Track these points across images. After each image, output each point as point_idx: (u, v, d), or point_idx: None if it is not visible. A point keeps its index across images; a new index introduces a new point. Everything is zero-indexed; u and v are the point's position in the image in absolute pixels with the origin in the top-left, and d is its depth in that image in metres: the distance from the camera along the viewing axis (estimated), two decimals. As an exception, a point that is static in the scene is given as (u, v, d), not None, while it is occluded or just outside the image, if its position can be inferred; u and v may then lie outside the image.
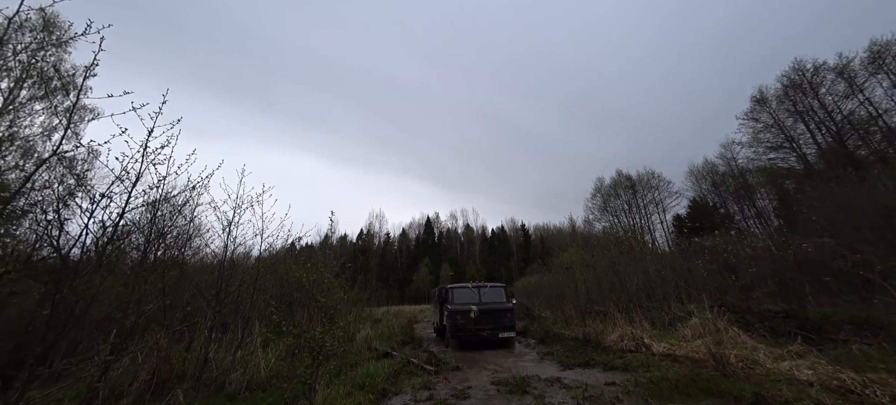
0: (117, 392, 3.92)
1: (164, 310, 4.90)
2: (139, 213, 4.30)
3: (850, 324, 5.95)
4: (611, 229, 38.80)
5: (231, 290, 5.47)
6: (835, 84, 28.27)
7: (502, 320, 9.14)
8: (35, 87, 11.11)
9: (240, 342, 5.45)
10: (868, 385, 3.57)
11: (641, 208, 42.10)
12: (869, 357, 4.54)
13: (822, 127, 29.09)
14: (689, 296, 9.86)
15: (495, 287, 10.33)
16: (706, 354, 5.86)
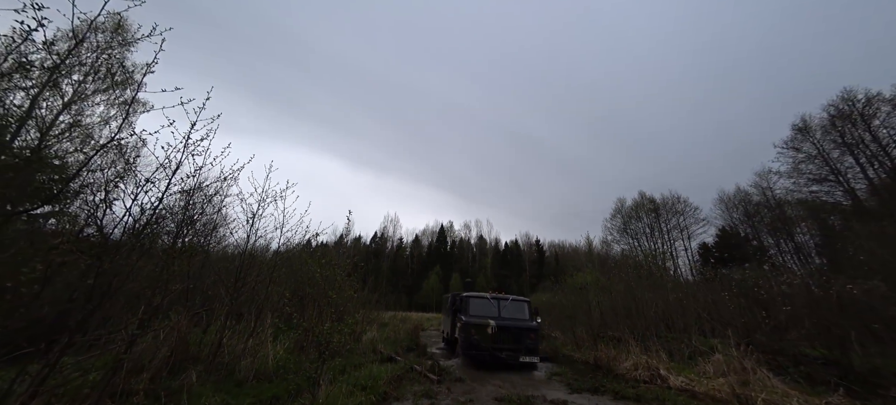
0: (139, 365, 4.16)
1: (187, 293, 5.18)
2: (174, 200, 4.63)
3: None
4: (630, 252, 37.20)
5: (248, 280, 5.70)
6: (891, 116, 26.09)
7: (525, 341, 7.86)
8: (99, 81, 12.31)
9: (252, 331, 5.64)
10: None
11: (664, 233, 40.14)
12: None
13: (875, 161, 26.81)
14: (713, 330, 9.22)
15: (518, 301, 9.01)
16: (729, 394, 5.44)
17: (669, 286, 12.83)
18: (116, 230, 3.88)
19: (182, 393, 3.99)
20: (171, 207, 4.54)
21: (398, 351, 9.88)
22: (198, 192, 5.17)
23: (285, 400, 4.58)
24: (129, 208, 3.82)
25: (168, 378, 4.32)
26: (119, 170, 4.43)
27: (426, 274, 62.90)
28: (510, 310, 8.65)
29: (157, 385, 4.04)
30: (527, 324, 8.30)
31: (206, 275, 5.87)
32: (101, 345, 3.90)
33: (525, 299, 9.23)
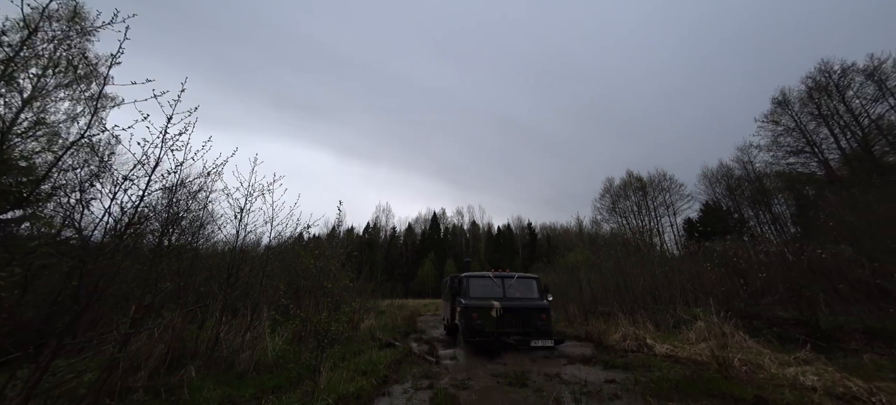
0: (136, 364, 4.14)
1: (179, 291, 5.12)
2: (156, 198, 4.50)
3: (863, 333, 5.79)
4: (619, 230, 38.26)
5: (241, 276, 5.66)
6: (863, 86, 26.96)
7: (535, 322, 7.02)
8: (60, 75, 11.59)
9: (249, 325, 5.65)
10: (875, 393, 3.49)
11: (651, 210, 41.33)
12: (879, 366, 4.42)
13: (847, 131, 27.90)
14: (696, 300, 9.70)
15: (525, 278, 8.03)
16: (709, 357, 5.80)
17: (656, 261, 13.34)
18: (97, 232, 3.77)
19: (182, 388, 4.02)
20: (154, 206, 4.42)
21: (396, 337, 10.08)
22: (181, 188, 5.04)
23: (287, 388, 4.67)
24: (109, 208, 3.70)
25: (166, 374, 4.33)
26: (93, 169, 4.25)
27: (421, 261, 63.46)
28: (517, 290, 7.73)
29: (156, 382, 4.05)
30: (537, 303, 7.36)
31: (197, 273, 5.80)
32: (94, 347, 3.87)
33: (533, 276, 8.23)
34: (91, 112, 3.77)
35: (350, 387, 4.27)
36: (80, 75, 11.52)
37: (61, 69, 10.98)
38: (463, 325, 7.10)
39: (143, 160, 4.04)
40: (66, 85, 12.11)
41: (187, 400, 3.80)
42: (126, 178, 3.85)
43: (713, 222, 33.44)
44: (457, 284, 8.23)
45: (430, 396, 4.39)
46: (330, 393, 3.75)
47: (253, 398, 4.24)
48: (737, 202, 36.25)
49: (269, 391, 4.55)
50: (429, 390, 4.76)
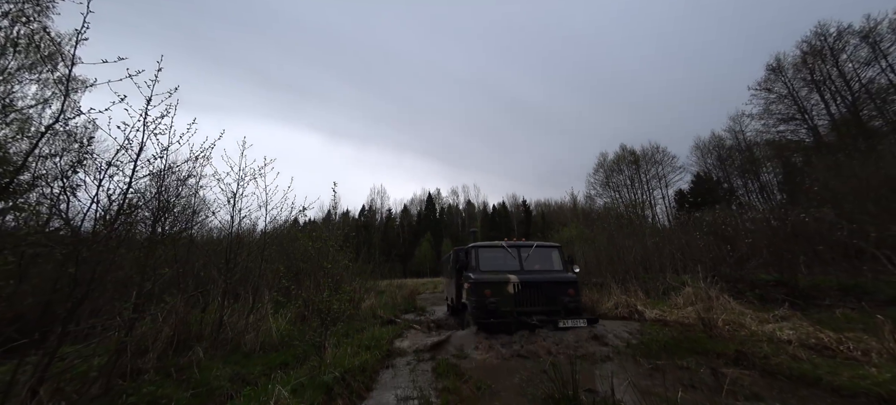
0: (143, 347, 4.24)
1: (178, 277, 5.15)
2: (145, 185, 4.42)
3: (838, 291, 6.14)
4: (612, 205, 38.84)
5: (240, 260, 5.70)
6: (858, 49, 26.70)
7: (561, 298, 5.92)
8: (21, 55, 10.94)
9: (251, 308, 5.76)
10: (843, 342, 3.79)
11: (644, 183, 41.84)
12: (849, 319, 4.74)
13: (838, 97, 27.99)
14: (685, 268, 10.09)
15: (545, 247, 6.94)
16: (695, 319, 6.12)
17: (647, 232, 13.71)
18: (87, 221, 3.72)
19: (191, 368, 4.14)
20: (143, 193, 4.35)
21: (397, 314, 10.38)
22: (169, 174, 4.95)
23: (294, 365, 4.85)
24: (96, 196, 3.64)
25: (175, 356, 4.45)
26: (75, 156, 4.13)
27: (418, 242, 64.17)
28: (535, 261, 6.62)
29: (166, 363, 4.17)
30: (562, 275, 6.28)
31: (194, 259, 5.81)
32: (98, 333, 3.94)
33: (554, 244, 7.04)
34: (63, 95, 3.59)
35: (355, 362, 4.44)
36: (45, 55, 10.87)
37: (21, 48, 10.35)
38: (473, 304, 5.87)
39: (126, 145, 3.94)
40: (30, 66, 11.46)
41: (197, 378, 3.94)
42: (110, 165, 3.76)
43: (704, 193, 34.06)
44: (463, 257, 6.97)
45: (432, 366, 4.60)
46: (336, 367, 3.91)
47: (261, 374, 4.40)
48: (727, 172, 36.85)
49: (276, 367, 4.72)
50: (431, 362, 4.98)
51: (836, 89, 27.96)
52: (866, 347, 3.59)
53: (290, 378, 3.73)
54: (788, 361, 3.62)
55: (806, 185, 11.95)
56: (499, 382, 3.75)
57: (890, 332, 3.43)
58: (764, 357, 3.70)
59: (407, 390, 3.64)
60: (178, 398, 3.47)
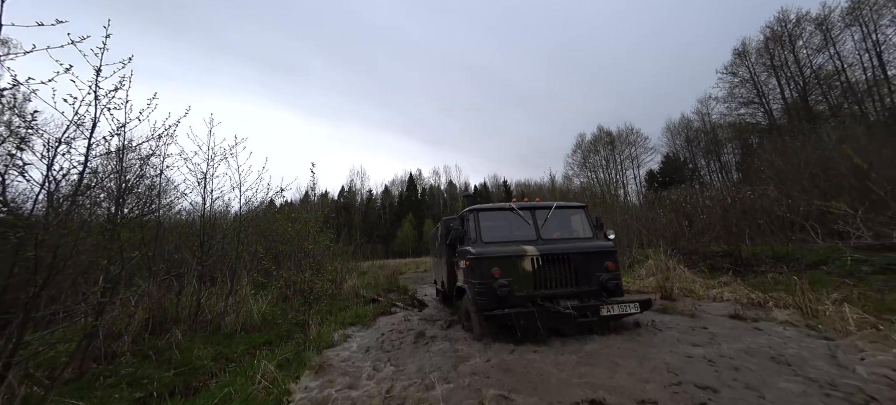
0: (115, 331, 4.17)
1: (148, 261, 4.99)
2: (100, 163, 4.14)
3: (772, 259, 7.00)
4: (588, 184, 40.44)
5: (215, 242, 5.57)
6: (812, 36, 28.57)
7: (599, 273, 4.37)
8: None
9: (230, 291, 5.71)
10: (769, 299, 4.46)
11: (618, 163, 43.73)
12: (777, 281, 5.50)
13: (792, 82, 30.08)
14: (650, 243, 10.94)
15: (566, 208, 5.17)
16: (656, 288, 6.79)
17: (618, 211, 14.56)
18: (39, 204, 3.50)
19: (171, 349, 4.14)
20: (96, 172, 4.10)
21: (380, 293, 10.61)
22: (129, 153, 4.67)
23: (278, 343, 4.95)
24: (47, 177, 3.41)
25: (152, 339, 4.41)
26: (15, 130, 3.78)
27: (399, 223, 64.15)
28: (554, 228, 4.92)
29: (142, 346, 4.13)
30: (596, 244, 4.63)
31: (165, 242, 5.61)
32: (61, 319, 3.82)
33: (579, 204, 5.32)
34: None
35: (339, 337, 4.62)
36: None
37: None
38: (475, 289, 4.22)
39: (78, 121, 3.68)
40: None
41: (178, 359, 3.96)
42: (61, 142, 3.51)
43: (672, 172, 36.19)
44: (459, 227, 5.26)
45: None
46: (321, 342, 4.06)
47: (245, 353, 4.48)
48: (693, 153, 39.19)
49: (259, 346, 4.81)
50: (407, 322, 5.20)
51: (790, 74, 29.98)
52: (784, 303, 4.25)
53: (275, 354, 3.84)
54: (725, 316, 4.25)
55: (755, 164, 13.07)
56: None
57: (801, 291, 4.09)
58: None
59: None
60: (160, 377, 3.50)
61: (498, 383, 2.74)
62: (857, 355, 2.89)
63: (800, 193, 7.88)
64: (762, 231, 8.29)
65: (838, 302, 4.01)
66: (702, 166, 38.37)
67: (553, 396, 2.47)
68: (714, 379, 2.61)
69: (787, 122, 27.75)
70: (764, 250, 7.40)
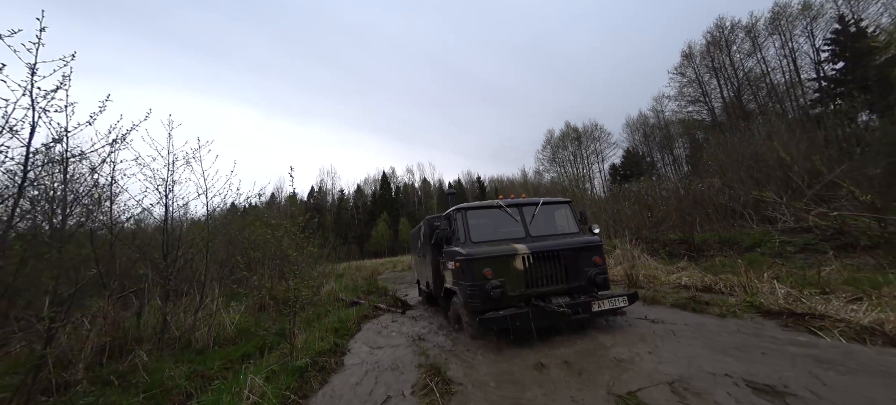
0: (66, 359, 3.75)
1: (101, 277, 4.52)
2: (38, 173, 3.64)
3: (718, 243, 7.92)
4: (558, 179, 42.36)
5: (181, 253, 5.16)
6: (743, 42, 32.22)
7: (588, 269, 4.43)
8: None
9: (199, 305, 5.33)
10: (718, 281, 5.10)
11: (584, 158, 46.27)
12: (724, 264, 6.25)
13: (729, 82, 33.68)
14: (616, 233, 11.80)
15: (552, 204, 5.17)
16: (623, 275, 7.37)
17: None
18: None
19: (136, 372, 3.81)
20: (35, 181, 3.64)
21: (360, 295, 10.41)
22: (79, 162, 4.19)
23: (257, 355, 4.73)
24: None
25: (112, 363, 4.02)
26: None
27: (374, 223, 62.88)
28: (541, 224, 4.93)
29: (101, 371, 3.76)
30: (584, 240, 4.65)
31: (120, 256, 5.08)
32: (8, 347, 3.38)
33: (563, 200, 5.31)
34: None
35: (325, 345, 4.52)
36: None
37: None
38: (467, 291, 4.16)
39: (11, 127, 3.25)
40: None
41: (147, 381, 3.66)
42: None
43: (632, 166, 38.95)
44: (445, 226, 5.14)
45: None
46: (307, 351, 3.96)
47: (222, 369, 4.23)
48: (650, 147, 42.54)
49: (237, 361, 4.56)
50: (394, 323, 5.24)
51: (728, 76, 33.55)
52: (731, 283, 4.89)
53: (260, 366, 3.69)
54: (685, 300, 4.81)
55: (703, 158, 14.58)
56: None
57: (744, 271, 4.74)
58: (672, 303, 4.82)
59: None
60: (127, 403, 3.23)
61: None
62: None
63: (739, 184, 8.97)
64: (710, 219, 9.33)
65: (771, 280, 4.68)
66: (658, 159, 41.78)
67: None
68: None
69: (725, 119, 30.98)
70: (712, 236, 8.35)
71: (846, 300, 3.79)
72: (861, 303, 3.60)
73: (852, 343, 2.97)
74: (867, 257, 5.46)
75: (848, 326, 3.12)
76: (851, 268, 5.19)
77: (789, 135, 12.72)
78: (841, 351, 2.84)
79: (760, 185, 9.79)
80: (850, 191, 6.06)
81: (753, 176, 9.31)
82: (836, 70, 24.81)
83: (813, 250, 6.51)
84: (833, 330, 3.16)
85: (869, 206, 5.92)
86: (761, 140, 11.71)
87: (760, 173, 10.51)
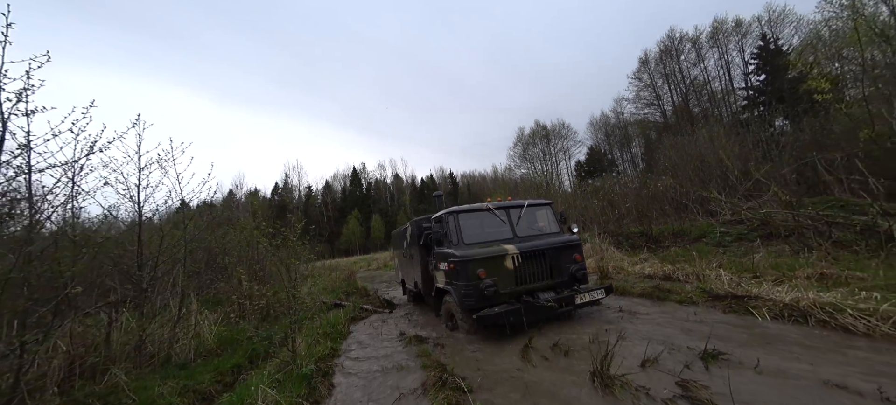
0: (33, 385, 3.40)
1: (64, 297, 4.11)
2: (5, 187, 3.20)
3: (672, 235, 8.98)
4: (528, 175, 44.12)
5: (159, 264, 4.80)
6: (690, 52, 35.84)
7: (569, 266, 4.85)
8: None
9: (177, 316, 5.02)
10: (676, 271, 5.88)
11: (553, 155, 48.63)
12: (679, 254, 7.16)
13: (678, 89, 37.31)
14: (585, 227, 12.77)
15: (536, 206, 5.55)
16: (594, 268, 8.09)
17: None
18: None
19: (117, 393, 3.56)
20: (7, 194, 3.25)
21: (340, 297, 10.26)
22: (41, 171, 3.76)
23: (248, 366, 4.61)
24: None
25: (85, 385, 3.71)
26: None
27: (344, 220, 60.97)
28: (526, 225, 5.28)
29: (75, 396, 3.46)
30: (566, 239, 5.04)
31: (92, 268, 4.60)
32: None
33: (545, 202, 5.70)
34: None
35: (323, 350, 4.54)
36: None
37: None
38: (462, 291, 4.43)
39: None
40: None
41: (134, 400, 3.46)
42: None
43: (595, 163, 41.65)
44: (438, 229, 5.35)
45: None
46: (309, 358, 3.97)
47: (215, 382, 4.09)
48: (611, 145, 45.79)
49: (228, 373, 4.42)
50: (384, 325, 5.36)
51: (677, 82, 37.14)
52: (686, 272, 5.67)
53: (261, 376, 3.64)
54: (651, 289, 5.49)
55: (658, 158, 16.18)
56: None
57: (697, 260, 5.51)
58: (640, 292, 5.48)
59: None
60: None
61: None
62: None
63: (688, 182, 10.19)
64: (665, 213, 10.49)
65: (717, 268, 5.51)
66: (618, 157, 45.13)
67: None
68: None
69: (675, 121, 34.28)
70: (667, 228, 9.44)
71: (772, 282, 4.61)
72: (783, 284, 4.41)
73: (775, 320, 3.67)
74: (784, 245, 6.59)
75: (774, 304, 3.84)
76: (774, 254, 6.24)
77: (726, 138, 14.58)
78: (760, 326, 3.57)
79: (704, 182, 11.18)
80: (774, 192, 7.21)
81: (699, 175, 10.63)
82: (760, 81, 28.62)
83: (745, 239, 7.68)
84: (763, 308, 3.87)
85: (785, 202, 7.12)
86: (705, 143, 13.30)
87: (704, 172, 11.98)
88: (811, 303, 3.58)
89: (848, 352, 2.79)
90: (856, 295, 3.66)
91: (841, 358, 2.70)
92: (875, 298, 3.49)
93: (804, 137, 10.92)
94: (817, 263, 5.08)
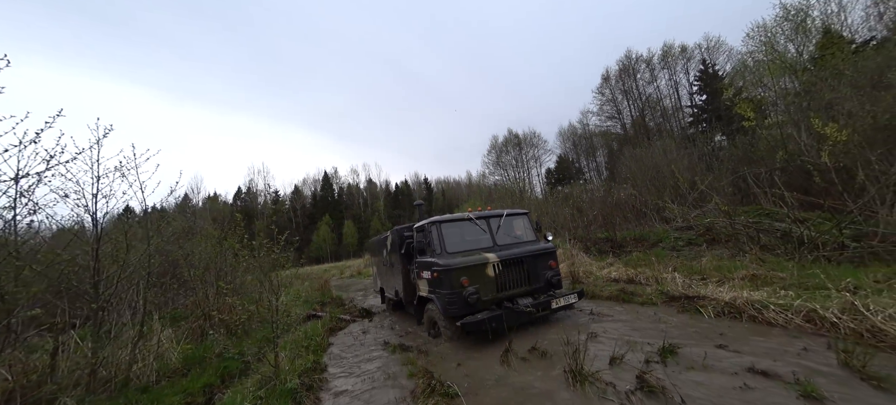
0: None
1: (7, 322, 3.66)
2: None
3: (634, 240, 9.81)
4: (501, 182, 45.43)
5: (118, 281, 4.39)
6: (645, 71, 39.41)
7: (545, 272, 5.14)
8: None
9: (137, 335, 4.62)
10: (638, 274, 6.48)
11: (525, 163, 50.56)
12: (640, 258, 7.87)
13: (636, 104, 40.72)
14: (556, 234, 13.46)
15: (514, 215, 5.80)
16: (566, 273, 8.59)
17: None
18: None
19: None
20: None
21: (316, 307, 9.91)
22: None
23: (220, 385, 4.35)
24: None
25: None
26: None
27: (314, 226, 58.52)
28: (506, 233, 5.53)
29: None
30: (542, 247, 5.32)
31: (36, 286, 4.08)
32: None
33: (522, 211, 6.02)
34: None
35: (305, 363, 4.42)
36: None
37: None
38: (445, 299, 4.57)
39: None
40: None
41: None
42: None
43: (564, 171, 43.93)
44: (421, 238, 5.49)
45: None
46: (292, 372, 3.86)
47: (184, 404, 3.84)
48: (578, 154, 48.62)
49: (199, 393, 4.16)
50: (365, 335, 5.34)
51: (634, 98, 40.55)
52: (647, 275, 6.28)
53: (243, 394, 3.48)
54: (617, 292, 6.00)
55: (620, 168, 17.53)
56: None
57: (656, 264, 6.12)
58: (607, 296, 5.96)
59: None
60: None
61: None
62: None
63: (646, 191, 11.20)
64: (627, 219, 11.41)
65: (672, 272, 6.16)
66: (584, 165, 47.99)
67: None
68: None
69: (633, 134, 37.33)
70: (629, 234, 10.28)
71: (716, 283, 5.26)
72: (724, 285, 5.06)
73: (718, 318, 4.23)
74: (725, 249, 7.50)
75: (717, 303, 4.41)
76: (717, 257, 7.08)
77: (677, 152, 16.20)
78: (706, 323, 4.11)
79: (660, 191, 12.35)
80: (715, 202, 8.18)
81: (655, 184, 11.73)
82: (702, 101, 32.18)
83: (694, 244, 8.61)
84: (708, 307, 4.43)
85: (724, 211, 8.11)
86: (659, 155, 14.69)
87: (659, 182, 13.22)
88: (745, 301, 4.17)
89: (771, 342, 3.33)
90: (777, 293, 4.31)
91: (765, 348, 3.21)
92: (790, 295, 4.14)
93: (737, 153, 12.48)
94: (749, 265, 5.86)
